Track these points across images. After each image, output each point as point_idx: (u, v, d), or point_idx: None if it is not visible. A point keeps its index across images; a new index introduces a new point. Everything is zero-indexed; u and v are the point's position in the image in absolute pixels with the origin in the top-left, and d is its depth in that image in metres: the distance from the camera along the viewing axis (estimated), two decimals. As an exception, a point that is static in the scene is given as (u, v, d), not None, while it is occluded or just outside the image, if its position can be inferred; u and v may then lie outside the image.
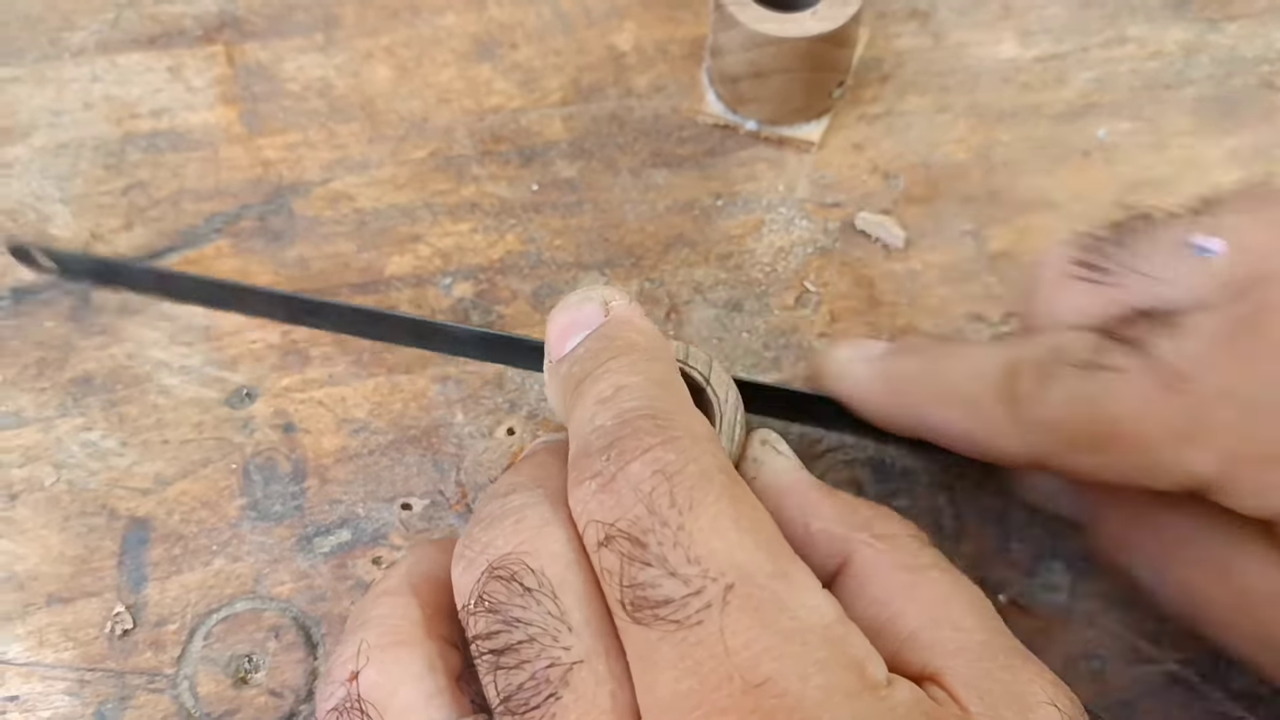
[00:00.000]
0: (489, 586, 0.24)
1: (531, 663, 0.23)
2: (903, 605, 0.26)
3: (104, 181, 0.41)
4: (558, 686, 0.23)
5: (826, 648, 0.23)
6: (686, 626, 0.22)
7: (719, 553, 0.23)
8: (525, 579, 0.24)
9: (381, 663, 0.25)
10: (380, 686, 0.25)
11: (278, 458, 0.36)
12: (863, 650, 0.24)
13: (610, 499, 0.24)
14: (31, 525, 0.35)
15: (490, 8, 0.45)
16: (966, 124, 0.43)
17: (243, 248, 0.40)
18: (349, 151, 0.42)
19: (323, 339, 0.38)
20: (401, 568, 0.28)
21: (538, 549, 0.25)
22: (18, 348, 0.38)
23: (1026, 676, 0.25)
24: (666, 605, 0.22)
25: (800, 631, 0.23)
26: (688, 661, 0.22)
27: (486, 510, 0.26)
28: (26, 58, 0.43)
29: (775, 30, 0.38)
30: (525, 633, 0.24)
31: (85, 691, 0.33)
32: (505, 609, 0.24)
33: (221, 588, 0.34)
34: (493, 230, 0.40)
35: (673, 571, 0.23)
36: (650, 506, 0.23)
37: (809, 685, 0.22)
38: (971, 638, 0.25)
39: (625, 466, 0.24)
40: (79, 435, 0.36)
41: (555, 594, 0.24)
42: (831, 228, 0.40)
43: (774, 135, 0.42)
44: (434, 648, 0.26)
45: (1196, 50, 0.44)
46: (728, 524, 0.23)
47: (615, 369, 0.27)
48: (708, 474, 0.24)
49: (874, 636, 0.25)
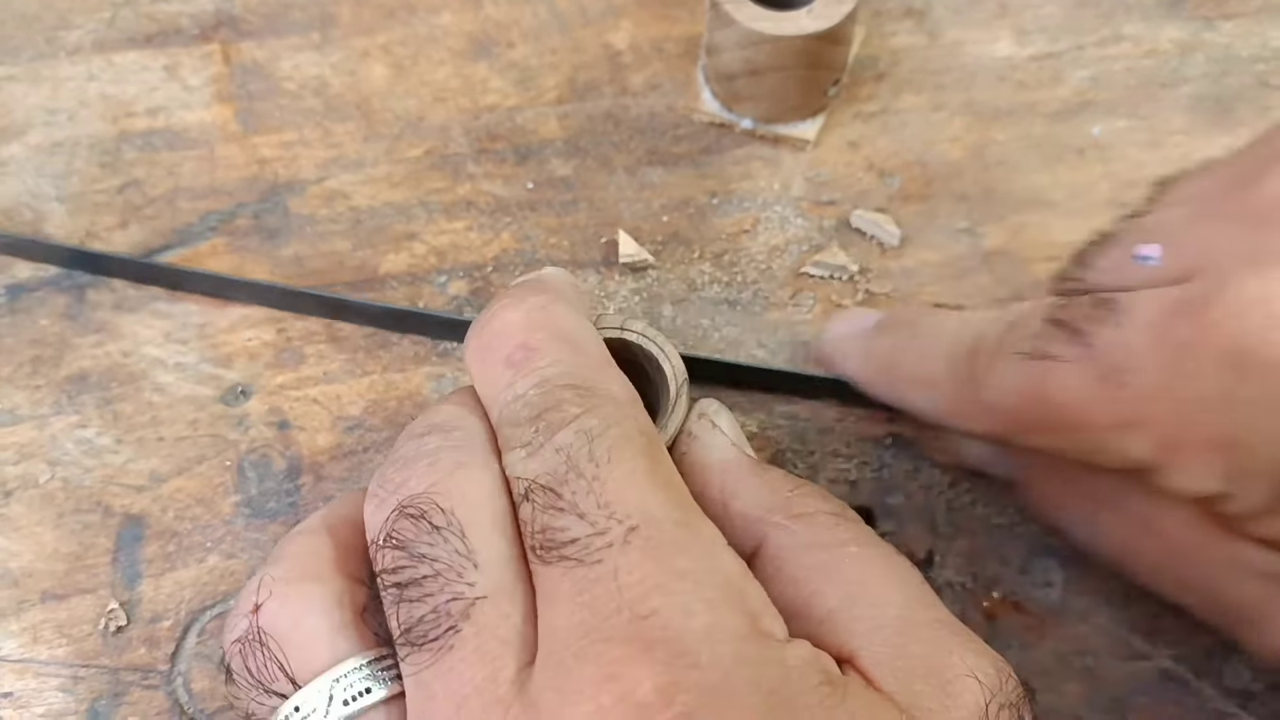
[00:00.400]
0: (398, 524, 0.25)
1: (434, 596, 0.24)
2: (819, 585, 0.26)
3: (100, 180, 0.41)
4: (458, 620, 0.23)
5: (720, 590, 0.23)
6: (587, 564, 0.23)
7: (629, 500, 0.24)
8: (434, 517, 0.25)
9: (285, 595, 0.26)
10: (282, 618, 0.25)
11: (272, 455, 0.36)
12: (760, 605, 0.24)
13: (536, 462, 0.25)
14: (26, 522, 0.35)
15: (486, 7, 0.45)
16: (962, 122, 0.43)
17: (238, 246, 0.40)
18: (344, 150, 0.42)
19: (318, 337, 0.38)
20: (320, 514, 0.29)
21: (449, 490, 0.25)
22: (12, 345, 0.38)
23: (946, 648, 0.25)
24: (572, 545, 0.23)
25: (695, 572, 0.23)
26: (584, 596, 0.23)
27: (401, 451, 0.27)
28: (22, 56, 0.43)
29: (771, 28, 0.38)
30: (431, 568, 0.24)
31: (79, 688, 0.33)
32: (412, 545, 0.24)
33: (216, 585, 0.34)
34: (488, 228, 0.40)
35: (582, 515, 0.23)
36: (570, 462, 0.24)
37: (694, 620, 0.22)
38: (886, 613, 0.25)
39: (553, 436, 0.25)
40: (74, 432, 0.36)
41: (464, 533, 0.24)
42: (827, 225, 0.40)
43: (769, 133, 0.42)
44: (341, 584, 0.26)
45: (1192, 49, 0.44)
46: (643, 478, 0.24)
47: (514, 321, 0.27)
48: (628, 435, 0.25)
49: (791, 619, 0.25)
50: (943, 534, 0.35)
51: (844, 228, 0.40)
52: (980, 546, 0.35)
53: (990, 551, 0.35)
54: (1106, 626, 0.34)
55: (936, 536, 0.35)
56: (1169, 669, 0.34)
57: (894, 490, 0.36)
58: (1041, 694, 0.33)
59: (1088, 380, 0.27)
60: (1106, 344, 0.27)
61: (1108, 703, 0.33)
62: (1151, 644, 0.34)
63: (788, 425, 0.37)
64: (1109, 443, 0.28)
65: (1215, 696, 0.33)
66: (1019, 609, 0.35)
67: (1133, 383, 0.27)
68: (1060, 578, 0.35)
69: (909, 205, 0.41)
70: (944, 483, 0.36)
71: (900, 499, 0.36)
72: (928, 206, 0.41)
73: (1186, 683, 0.34)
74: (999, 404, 0.30)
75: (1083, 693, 0.33)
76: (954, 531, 0.36)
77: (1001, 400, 0.29)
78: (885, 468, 0.36)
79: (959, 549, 0.35)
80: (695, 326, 0.39)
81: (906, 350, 0.34)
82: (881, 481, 0.36)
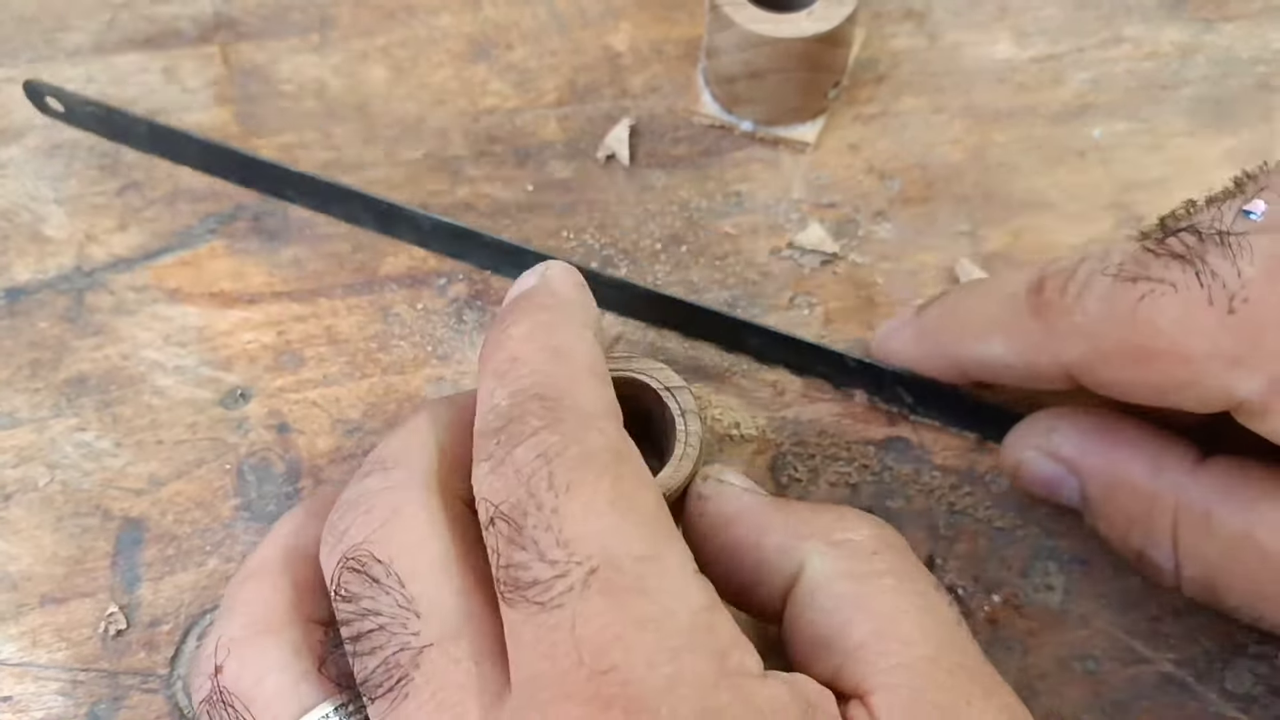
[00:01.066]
0: (343, 578, 0.25)
1: (382, 649, 0.24)
2: (850, 614, 0.25)
3: (98, 182, 0.41)
4: (408, 669, 0.23)
5: (684, 635, 0.22)
6: (548, 609, 0.22)
7: (589, 536, 0.23)
8: (372, 569, 0.24)
9: (242, 656, 0.26)
10: (243, 678, 0.26)
11: (272, 458, 0.36)
12: (729, 639, 0.23)
13: (499, 481, 0.24)
14: (25, 525, 0.35)
15: (485, 8, 0.45)
16: (962, 124, 0.43)
17: (237, 248, 0.40)
18: (344, 152, 0.42)
19: (318, 339, 0.38)
20: (270, 544, 0.28)
21: (386, 539, 0.25)
22: (11, 348, 0.38)
23: (965, 697, 0.24)
24: (533, 587, 0.23)
25: (657, 619, 0.22)
26: (544, 645, 0.22)
27: (347, 494, 0.27)
28: (21, 58, 0.43)
29: (770, 30, 0.38)
30: (375, 621, 0.24)
31: (78, 692, 0.33)
32: (357, 599, 0.24)
33: (215, 588, 0.34)
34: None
35: (542, 554, 0.23)
36: (530, 489, 0.23)
37: (655, 673, 0.22)
38: (913, 652, 0.25)
39: (512, 451, 0.24)
40: (73, 436, 0.36)
41: (402, 583, 0.24)
42: (827, 227, 0.40)
43: (769, 136, 0.42)
44: (298, 632, 0.26)
45: (1193, 51, 0.44)
46: (603, 505, 0.23)
47: (514, 335, 0.27)
48: (589, 454, 0.24)
49: (822, 647, 0.25)
50: (944, 537, 0.35)
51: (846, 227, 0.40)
52: (981, 550, 0.35)
53: (991, 555, 0.35)
54: (1108, 630, 0.34)
55: (937, 540, 0.35)
56: (1170, 673, 0.34)
57: (894, 494, 0.36)
58: (1043, 698, 0.33)
59: (1195, 305, 0.26)
60: (1217, 269, 0.26)
61: (1109, 707, 0.33)
62: (1153, 648, 0.34)
63: (788, 428, 0.37)
64: (1210, 377, 0.26)
65: (1217, 701, 0.33)
66: (1020, 613, 0.34)
67: (1250, 311, 0.25)
68: (1061, 581, 0.35)
69: (909, 208, 0.41)
70: (945, 486, 0.36)
71: (901, 502, 0.36)
72: (928, 209, 0.41)
73: (1188, 687, 0.34)
74: (1082, 326, 0.28)
75: (1084, 697, 0.33)
76: (955, 535, 0.35)
77: (1085, 321, 0.28)
78: (886, 471, 0.36)
79: (960, 552, 0.35)
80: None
81: (958, 309, 0.33)
82: (882, 485, 0.36)
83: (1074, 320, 0.28)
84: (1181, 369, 0.26)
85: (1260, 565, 0.28)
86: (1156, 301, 0.26)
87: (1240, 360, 0.25)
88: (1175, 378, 0.27)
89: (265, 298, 0.39)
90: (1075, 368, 0.29)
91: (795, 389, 0.38)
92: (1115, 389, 0.29)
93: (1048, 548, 0.35)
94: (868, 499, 0.36)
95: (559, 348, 0.27)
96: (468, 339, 0.38)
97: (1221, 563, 0.29)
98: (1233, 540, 0.28)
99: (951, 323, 0.33)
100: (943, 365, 0.34)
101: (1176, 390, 0.27)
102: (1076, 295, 0.28)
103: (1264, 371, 0.25)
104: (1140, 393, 0.28)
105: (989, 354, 0.31)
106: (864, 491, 0.36)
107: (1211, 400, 0.26)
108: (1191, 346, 0.26)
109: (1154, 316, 0.26)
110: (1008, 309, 0.30)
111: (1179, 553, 0.30)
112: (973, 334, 0.32)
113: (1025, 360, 0.30)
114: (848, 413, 0.37)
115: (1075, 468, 0.32)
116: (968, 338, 0.32)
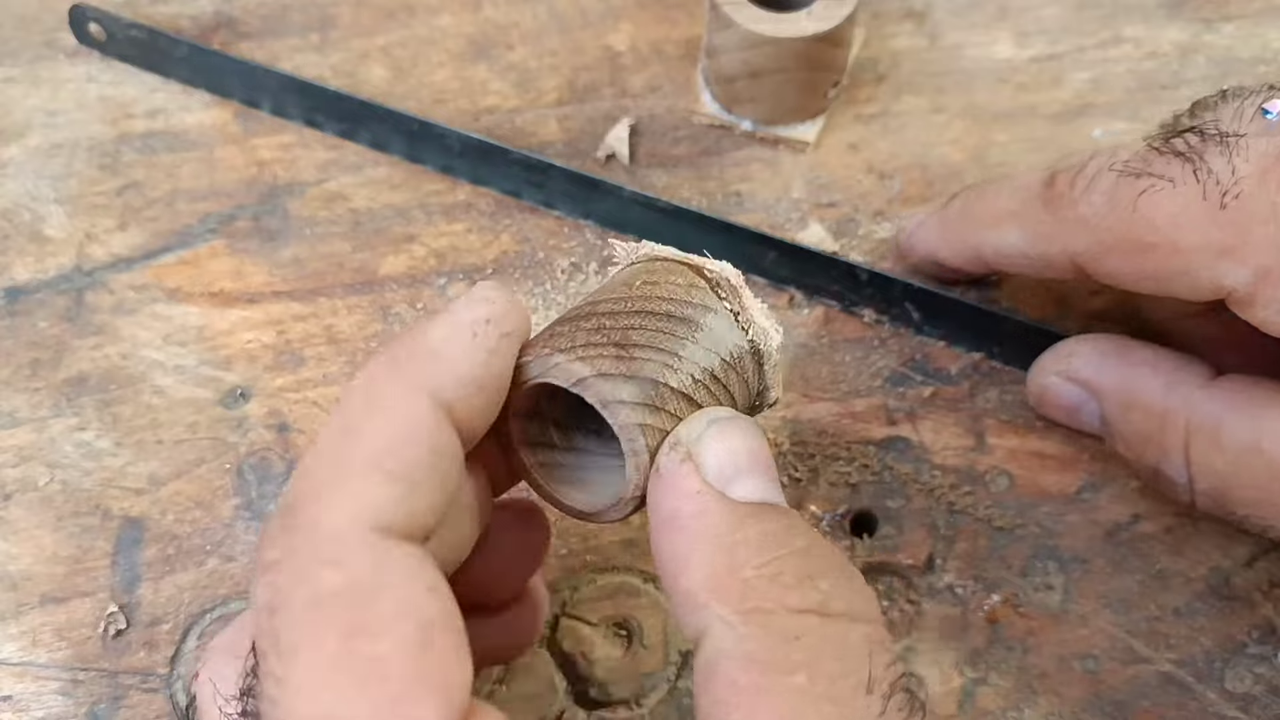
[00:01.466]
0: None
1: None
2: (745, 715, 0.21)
3: (99, 182, 0.41)
4: None
5: None
6: None
7: (312, 715, 0.20)
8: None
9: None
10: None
11: (272, 458, 0.36)
12: None
13: (251, 617, 0.22)
14: (25, 525, 0.35)
15: (486, 8, 0.45)
16: (962, 124, 0.43)
17: (237, 248, 0.40)
18: (344, 152, 0.42)
19: (317, 339, 0.38)
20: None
21: (203, 679, 0.24)
22: (11, 348, 0.38)
23: None
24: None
25: None
26: None
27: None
28: (22, 58, 0.43)
29: (771, 30, 0.38)
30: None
31: (78, 691, 0.33)
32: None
33: (215, 588, 0.34)
34: (487, 230, 0.40)
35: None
36: (263, 647, 0.21)
37: None
38: None
39: (257, 581, 0.21)
40: (73, 435, 0.36)
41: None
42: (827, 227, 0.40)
43: (769, 135, 0.42)
44: None
45: (1192, 51, 0.44)
46: (326, 671, 0.20)
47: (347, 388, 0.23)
48: (315, 601, 0.20)
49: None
50: (944, 537, 0.35)
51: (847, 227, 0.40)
52: (981, 550, 0.35)
53: (991, 555, 0.35)
54: (1108, 630, 0.34)
55: (937, 540, 0.35)
56: (1170, 673, 0.34)
57: (895, 494, 0.36)
58: (1042, 697, 0.33)
59: (1190, 200, 0.27)
60: (1213, 167, 0.27)
61: (1109, 706, 0.33)
62: (1153, 648, 0.34)
63: (788, 428, 0.37)
64: (1201, 267, 0.28)
65: (1216, 700, 0.33)
66: (1020, 613, 0.35)
67: (1236, 206, 0.27)
68: (1061, 581, 0.35)
69: (909, 207, 0.41)
70: (945, 486, 0.36)
71: (901, 502, 0.36)
72: (928, 209, 0.41)
73: (1188, 687, 0.34)
74: (1086, 217, 0.30)
75: (1084, 696, 0.33)
76: (955, 535, 0.35)
77: (1089, 213, 0.30)
78: (886, 470, 0.36)
79: (960, 552, 0.35)
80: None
81: (980, 200, 0.35)
82: (882, 484, 0.36)
83: (1081, 212, 0.30)
84: (1175, 260, 0.28)
85: (1267, 474, 0.29)
86: (1154, 196, 0.28)
87: (1229, 251, 0.27)
88: (1169, 268, 0.28)
89: (265, 297, 0.39)
90: (1081, 257, 0.31)
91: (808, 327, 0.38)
92: (1117, 279, 0.30)
93: (1048, 548, 0.35)
94: (867, 499, 0.36)
95: (349, 427, 0.22)
96: (468, 339, 0.38)
97: (1231, 473, 0.30)
98: (1242, 451, 0.30)
99: (973, 213, 0.35)
100: (964, 253, 0.35)
101: (1170, 280, 0.29)
102: (1084, 189, 0.30)
103: (1251, 262, 0.27)
104: (1139, 282, 0.30)
105: (1005, 242, 0.33)
106: (864, 491, 0.36)
107: (1202, 289, 0.28)
108: (1184, 239, 0.28)
109: (1151, 211, 0.28)
110: (1023, 200, 0.32)
111: (1191, 467, 0.31)
112: (991, 223, 0.34)
113: (1038, 249, 0.32)
114: (848, 413, 0.37)
115: (1094, 388, 0.34)
116: (987, 226, 0.34)
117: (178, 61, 0.42)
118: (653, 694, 0.33)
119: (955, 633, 0.34)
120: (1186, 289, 0.29)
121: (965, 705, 0.33)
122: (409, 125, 0.40)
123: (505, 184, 0.40)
